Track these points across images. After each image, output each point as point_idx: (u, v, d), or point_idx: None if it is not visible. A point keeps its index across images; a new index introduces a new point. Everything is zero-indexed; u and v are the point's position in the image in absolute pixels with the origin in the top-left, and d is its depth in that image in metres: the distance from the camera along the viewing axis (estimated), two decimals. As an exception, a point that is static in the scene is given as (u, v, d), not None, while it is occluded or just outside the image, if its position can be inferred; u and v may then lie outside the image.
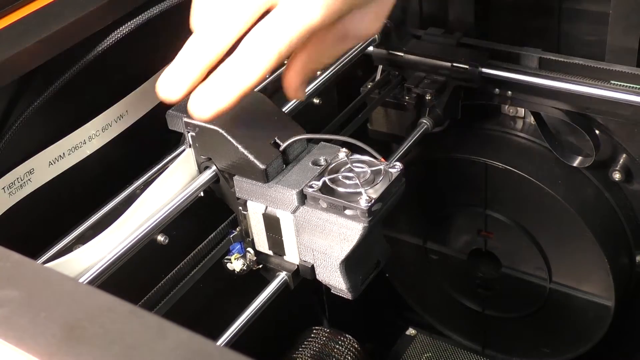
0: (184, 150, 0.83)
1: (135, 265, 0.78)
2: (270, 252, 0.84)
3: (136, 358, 0.45)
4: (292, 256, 0.82)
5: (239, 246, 0.85)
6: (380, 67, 1.12)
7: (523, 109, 1.14)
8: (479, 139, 1.19)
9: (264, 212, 0.80)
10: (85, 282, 0.72)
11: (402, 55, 1.09)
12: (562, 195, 1.10)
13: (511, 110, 1.15)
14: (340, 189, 0.75)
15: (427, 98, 1.06)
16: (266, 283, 0.84)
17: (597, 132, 1.07)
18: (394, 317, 1.54)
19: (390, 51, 1.09)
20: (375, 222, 0.75)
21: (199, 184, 0.81)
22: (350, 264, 0.78)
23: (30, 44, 0.80)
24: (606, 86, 0.98)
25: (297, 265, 0.83)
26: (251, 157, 0.77)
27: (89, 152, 0.92)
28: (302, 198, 0.77)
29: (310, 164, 0.79)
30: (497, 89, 1.07)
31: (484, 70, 1.04)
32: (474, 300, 1.33)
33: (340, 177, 0.76)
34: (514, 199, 1.17)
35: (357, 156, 0.79)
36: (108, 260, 0.74)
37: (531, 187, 1.12)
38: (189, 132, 0.80)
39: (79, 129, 0.90)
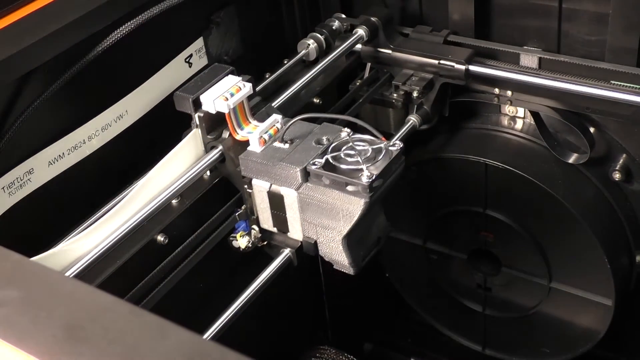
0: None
1: (139, 251, 0.79)
2: (275, 230, 0.87)
3: (136, 358, 0.45)
4: (296, 233, 0.85)
5: (244, 224, 0.88)
6: (369, 64, 1.12)
7: (523, 109, 1.14)
8: (479, 139, 1.19)
9: (268, 189, 0.83)
10: (104, 248, 0.74)
11: (389, 53, 1.09)
12: (562, 195, 1.10)
13: (510, 110, 1.15)
14: (343, 166, 0.78)
15: (414, 95, 1.06)
16: (270, 260, 0.86)
17: (592, 130, 1.07)
18: (393, 316, 1.54)
19: (378, 49, 1.09)
20: (376, 198, 0.77)
21: (206, 163, 0.84)
22: (352, 240, 0.81)
23: (29, 43, 0.80)
24: (606, 86, 0.98)
25: (301, 242, 0.85)
26: None
27: (88, 152, 0.92)
28: (306, 175, 0.80)
29: (313, 143, 0.82)
30: (496, 89, 1.07)
31: (472, 67, 1.04)
32: (474, 300, 1.33)
33: (342, 154, 0.79)
34: (513, 199, 1.17)
35: (358, 135, 0.82)
36: (112, 240, 0.76)
37: (531, 187, 1.12)
38: (196, 112, 0.83)
39: (79, 129, 0.89)
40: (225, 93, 0.82)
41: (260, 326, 1.15)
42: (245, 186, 0.85)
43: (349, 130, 0.82)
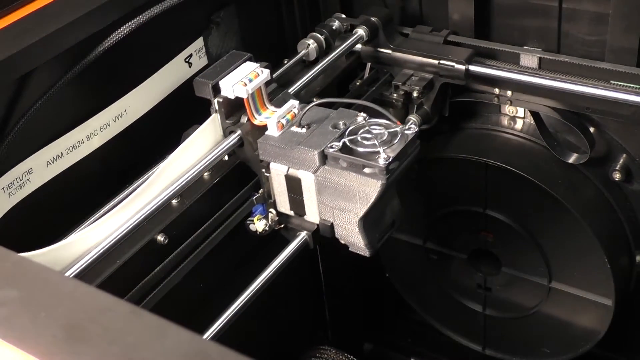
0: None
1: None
2: (292, 213, 0.89)
3: (136, 358, 0.45)
4: (313, 215, 0.87)
5: (261, 208, 0.90)
6: (369, 64, 1.12)
7: (523, 109, 1.14)
8: (479, 139, 1.19)
9: (286, 173, 0.85)
10: (104, 248, 0.75)
11: (389, 53, 1.09)
12: (562, 195, 1.10)
13: (510, 110, 1.15)
14: (360, 149, 0.81)
15: (414, 95, 1.06)
16: (287, 243, 0.89)
17: (592, 130, 1.07)
18: (393, 316, 1.54)
19: (378, 49, 1.09)
20: (392, 180, 0.80)
21: (224, 147, 0.86)
22: (368, 222, 0.84)
23: (29, 44, 0.80)
24: (606, 86, 0.98)
25: (317, 225, 0.87)
26: None
27: (87, 152, 0.91)
28: (323, 158, 0.82)
29: (330, 127, 0.84)
30: (496, 89, 1.07)
31: (472, 67, 1.04)
32: (474, 300, 1.33)
33: (359, 138, 0.82)
34: (514, 199, 1.17)
35: (374, 119, 0.84)
36: (112, 240, 0.76)
37: (531, 187, 1.12)
38: (215, 97, 0.85)
39: (77, 128, 0.89)
40: (244, 79, 0.84)
41: (260, 326, 1.15)
42: (263, 170, 0.88)
43: (364, 114, 0.85)
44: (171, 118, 0.99)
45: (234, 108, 0.87)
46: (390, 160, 0.79)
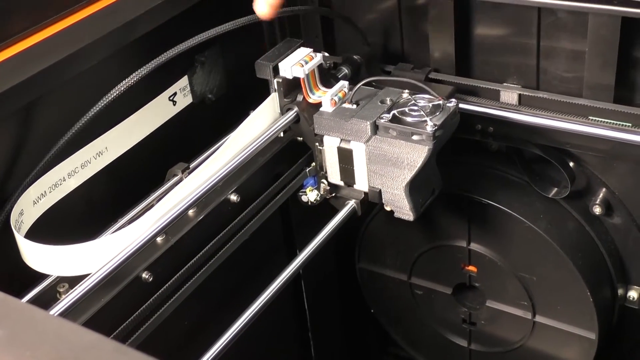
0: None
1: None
2: (342, 183, 0.99)
3: (121, 396, 0.45)
4: (361, 184, 0.97)
5: (312, 180, 1.01)
6: None
7: (504, 145, 1.15)
8: (462, 174, 1.20)
9: (338, 145, 0.95)
10: (90, 286, 0.75)
11: None
12: (544, 229, 1.11)
13: (492, 146, 1.16)
14: (408, 119, 0.91)
15: None
16: (335, 212, 0.98)
17: (571, 164, 1.09)
18: (379, 352, 1.53)
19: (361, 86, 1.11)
20: (436, 147, 0.90)
21: (283, 123, 0.96)
22: (413, 187, 0.93)
23: (27, 77, 0.81)
24: (584, 122, 1.00)
25: (364, 193, 0.97)
26: None
27: (69, 190, 0.91)
28: (375, 129, 0.92)
29: (378, 103, 0.94)
30: (477, 125, 1.09)
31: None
32: (459, 334, 1.33)
33: (406, 110, 0.92)
34: (497, 234, 1.18)
35: (418, 95, 0.94)
36: (97, 278, 0.76)
37: (514, 222, 1.13)
38: (275, 78, 0.95)
39: (58, 166, 0.89)
40: (301, 61, 0.94)
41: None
42: (317, 144, 0.97)
43: (408, 91, 0.95)
44: (154, 156, 1.00)
45: (290, 88, 0.96)
46: (436, 127, 0.88)
